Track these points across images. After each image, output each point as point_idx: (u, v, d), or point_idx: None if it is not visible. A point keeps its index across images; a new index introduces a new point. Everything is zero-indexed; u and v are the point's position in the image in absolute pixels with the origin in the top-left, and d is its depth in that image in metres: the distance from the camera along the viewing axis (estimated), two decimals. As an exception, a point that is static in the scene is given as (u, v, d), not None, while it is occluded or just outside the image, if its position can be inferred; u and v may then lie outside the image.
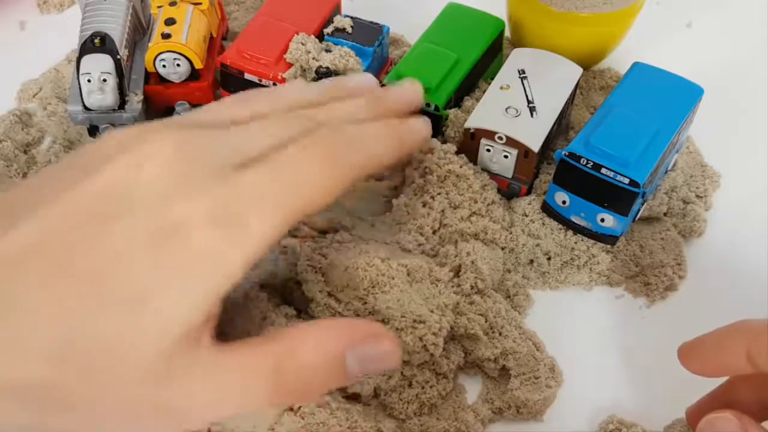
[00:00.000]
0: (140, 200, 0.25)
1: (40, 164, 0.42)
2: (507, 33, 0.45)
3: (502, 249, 0.37)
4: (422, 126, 0.34)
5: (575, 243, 0.37)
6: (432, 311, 0.33)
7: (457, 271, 0.35)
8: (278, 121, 0.30)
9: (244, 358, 0.25)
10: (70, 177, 0.26)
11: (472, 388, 0.34)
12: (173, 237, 0.24)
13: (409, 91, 0.35)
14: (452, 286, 0.34)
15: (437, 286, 0.34)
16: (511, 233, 0.37)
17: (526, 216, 0.38)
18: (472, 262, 0.35)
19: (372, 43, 0.41)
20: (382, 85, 0.39)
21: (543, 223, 0.38)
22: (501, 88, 0.38)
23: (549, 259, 0.37)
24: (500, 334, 0.34)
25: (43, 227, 0.24)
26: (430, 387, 0.33)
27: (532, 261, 0.38)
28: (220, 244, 0.25)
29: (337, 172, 0.28)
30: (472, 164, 0.38)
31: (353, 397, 0.33)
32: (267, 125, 0.29)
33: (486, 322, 0.34)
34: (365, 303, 0.32)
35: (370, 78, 0.35)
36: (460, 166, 0.37)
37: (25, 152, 0.43)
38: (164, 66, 0.41)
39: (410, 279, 0.34)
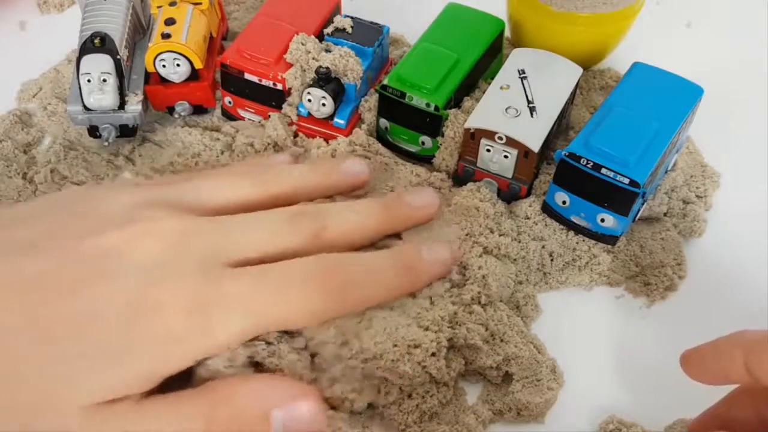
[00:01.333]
0: (131, 271, 0.27)
1: (40, 164, 0.42)
2: (507, 33, 0.45)
3: (514, 261, 0.37)
4: (443, 256, 0.33)
5: (576, 243, 0.37)
6: (427, 328, 0.31)
7: (456, 283, 0.35)
8: (285, 219, 0.31)
9: (179, 406, 0.26)
10: (76, 227, 0.28)
11: (473, 389, 0.34)
12: (147, 314, 0.26)
13: (427, 197, 0.35)
14: (450, 297, 0.34)
15: (416, 298, 0.33)
16: (520, 242, 0.37)
17: (529, 218, 0.38)
18: (483, 277, 0.34)
19: (372, 43, 0.41)
20: (383, 86, 0.39)
21: (546, 224, 0.38)
22: (501, 88, 0.38)
23: (552, 260, 0.37)
24: (502, 340, 0.34)
25: (41, 268, 0.26)
26: (431, 396, 0.32)
27: (538, 264, 0.37)
28: (184, 334, 0.26)
29: (331, 302, 0.29)
30: (476, 184, 0.38)
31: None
32: (273, 221, 0.31)
33: (486, 330, 0.34)
34: (351, 349, 0.30)
35: (363, 165, 0.36)
36: (479, 199, 0.37)
37: (25, 152, 0.43)
38: (164, 66, 0.41)
39: (388, 304, 0.32)
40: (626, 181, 0.34)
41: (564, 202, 0.37)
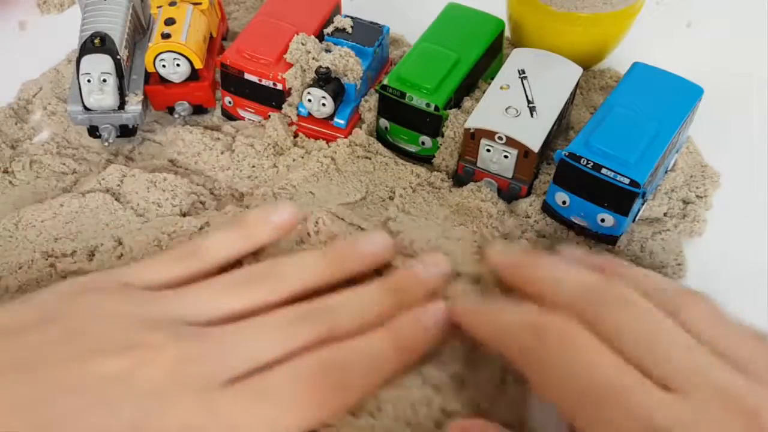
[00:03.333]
0: (131, 397, 0.27)
1: (25, 156, 0.42)
2: (507, 33, 0.45)
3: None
4: (434, 323, 0.31)
5: (577, 243, 0.37)
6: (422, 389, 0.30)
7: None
8: (287, 324, 0.30)
9: None
10: (70, 350, 0.28)
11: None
12: None
13: (432, 266, 0.33)
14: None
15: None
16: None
17: (529, 218, 0.38)
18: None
19: (372, 43, 0.41)
20: (383, 86, 0.39)
21: (546, 224, 0.38)
22: (501, 88, 0.38)
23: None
24: None
25: (35, 395, 0.26)
26: None
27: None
28: None
29: (328, 400, 0.29)
30: (476, 184, 0.38)
31: None
32: (266, 329, 0.30)
33: None
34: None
35: (381, 239, 0.34)
36: (482, 201, 0.37)
37: (13, 147, 0.43)
38: (164, 66, 0.41)
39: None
40: (626, 181, 0.34)
41: (564, 202, 0.37)
